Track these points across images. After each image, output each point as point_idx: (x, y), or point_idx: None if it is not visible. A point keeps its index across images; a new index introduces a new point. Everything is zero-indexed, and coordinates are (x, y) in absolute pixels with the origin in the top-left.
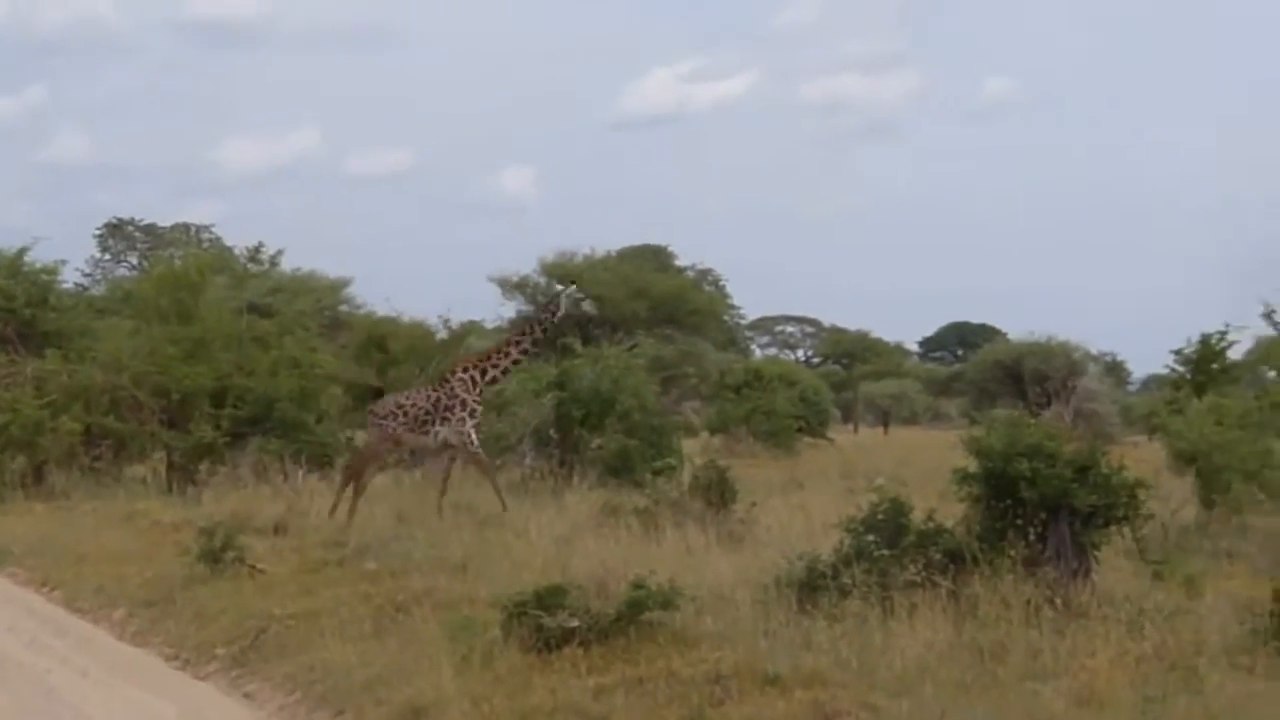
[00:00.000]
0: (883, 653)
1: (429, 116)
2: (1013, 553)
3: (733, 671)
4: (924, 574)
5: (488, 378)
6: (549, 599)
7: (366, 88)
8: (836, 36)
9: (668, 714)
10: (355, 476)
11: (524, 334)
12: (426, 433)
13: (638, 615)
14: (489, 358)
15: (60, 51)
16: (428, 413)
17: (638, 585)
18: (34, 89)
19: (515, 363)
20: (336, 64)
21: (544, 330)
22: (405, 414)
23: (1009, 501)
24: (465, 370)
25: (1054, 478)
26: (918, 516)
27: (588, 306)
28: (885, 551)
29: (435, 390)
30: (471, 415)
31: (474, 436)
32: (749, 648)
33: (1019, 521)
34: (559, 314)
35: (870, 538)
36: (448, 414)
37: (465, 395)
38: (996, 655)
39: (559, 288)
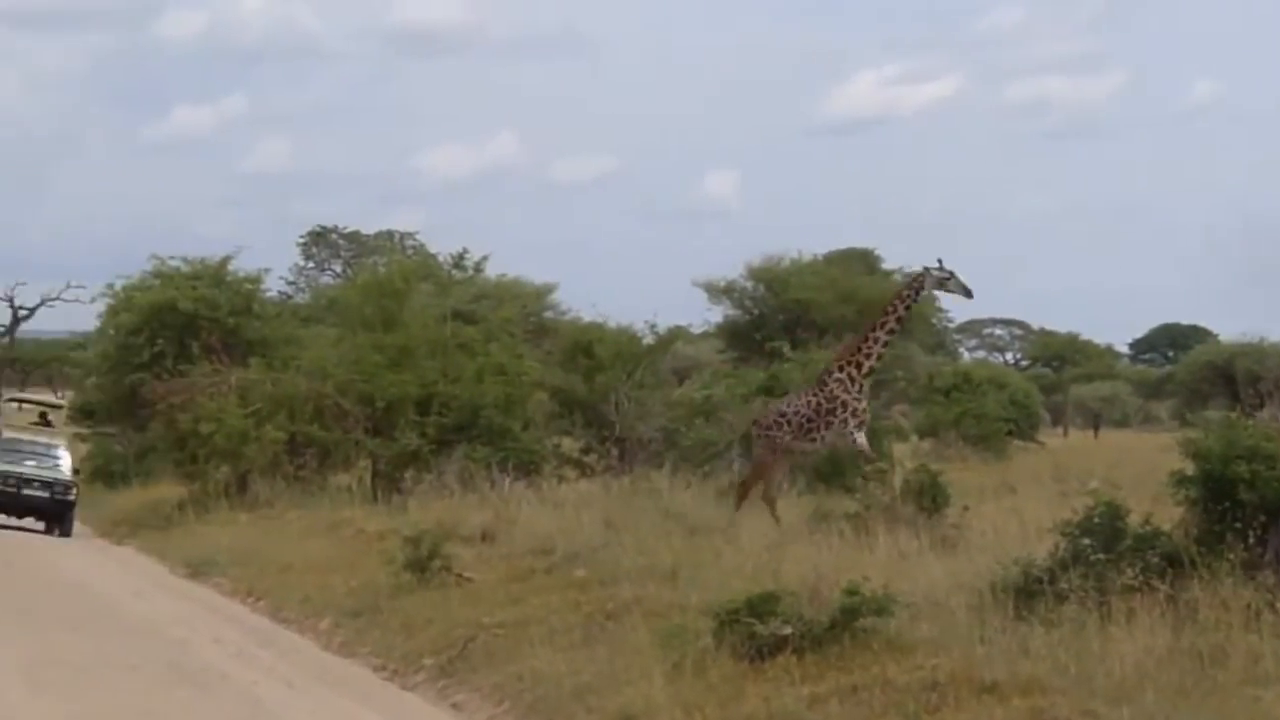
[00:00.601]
0: (1101, 659)
1: (632, 121)
2: (1231, 556)
3: (948, 679)
4: (1141, 578)
5: (863, 370)
6: (761, 606)
7: (569, 93)
8: (1040, 38)
9: None
10: (744, 495)
11: (888, 314)
12: (813, 439)
13: (851, 622)
14: (859, 350)
15: (262, 60)
16: (810, 419)
17: (851, 591)
18: (235, 98)
19: (886, 345)
20: (539, 70)
21: (907, 308)
22: (789, 422)
23: (1227, 504)
24: (840, 369)
25: (1274, 480)
26: (1134, 520)
27: (953, 286)
28: (1101, 556)
29: (814, 394)
30: (855, 415)
31: (861, 439)
32: (965, 654)
33: (1238, 525)
34: (922, 292)
35: (1086, 542)
36: (830, 418)
37: (845, 396)
38: (1217, 660)
39: (922, 267)
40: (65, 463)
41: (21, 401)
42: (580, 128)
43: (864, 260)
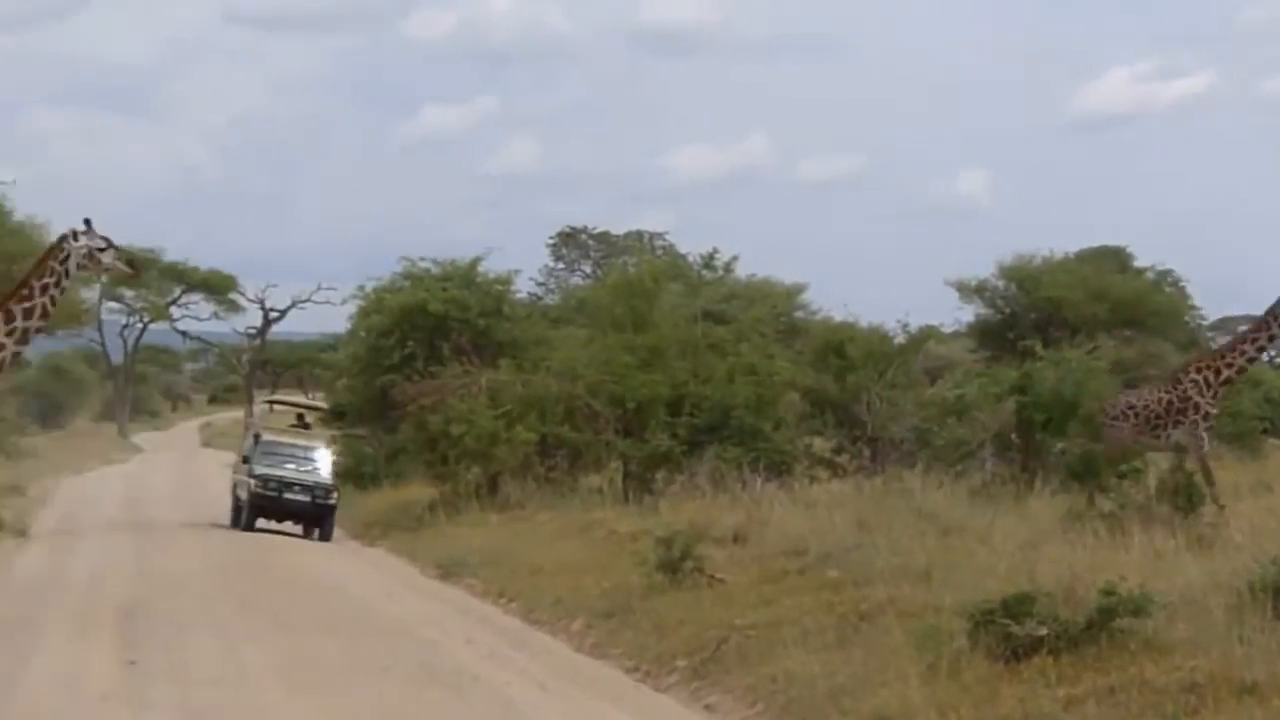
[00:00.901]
0: None
1: (881, 120)
2: None
3: (1207, 680)
4: None
5: (1221, 378)
6: (1016, 607)
7: (816, 93)
8: None
9: None
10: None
11: (1260, 330)
12: (1158, 435)
13: (1108, 623)
14: (1223, 357)
15: (511, 62)
16: (1159, 415)
17: (1107, 592)
18: (485, 99)
19: (1251, 360)
20: (786, 70)
21: (1270, 338)
22: (1137, 415)
23: None
24: (1198, 370)
25: None
26: None
27: None
28: None
29: (1167, 391)
30: (1205, 419)
31: (1206, 440)
32: (1224, 655)
33: None
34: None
35: None
36: (1180, 416)
37: (1198, 398)
38: None
39: None
40: (325, 466)
41: (279, 404)
42: (829, 127)
43: (1115, 258)
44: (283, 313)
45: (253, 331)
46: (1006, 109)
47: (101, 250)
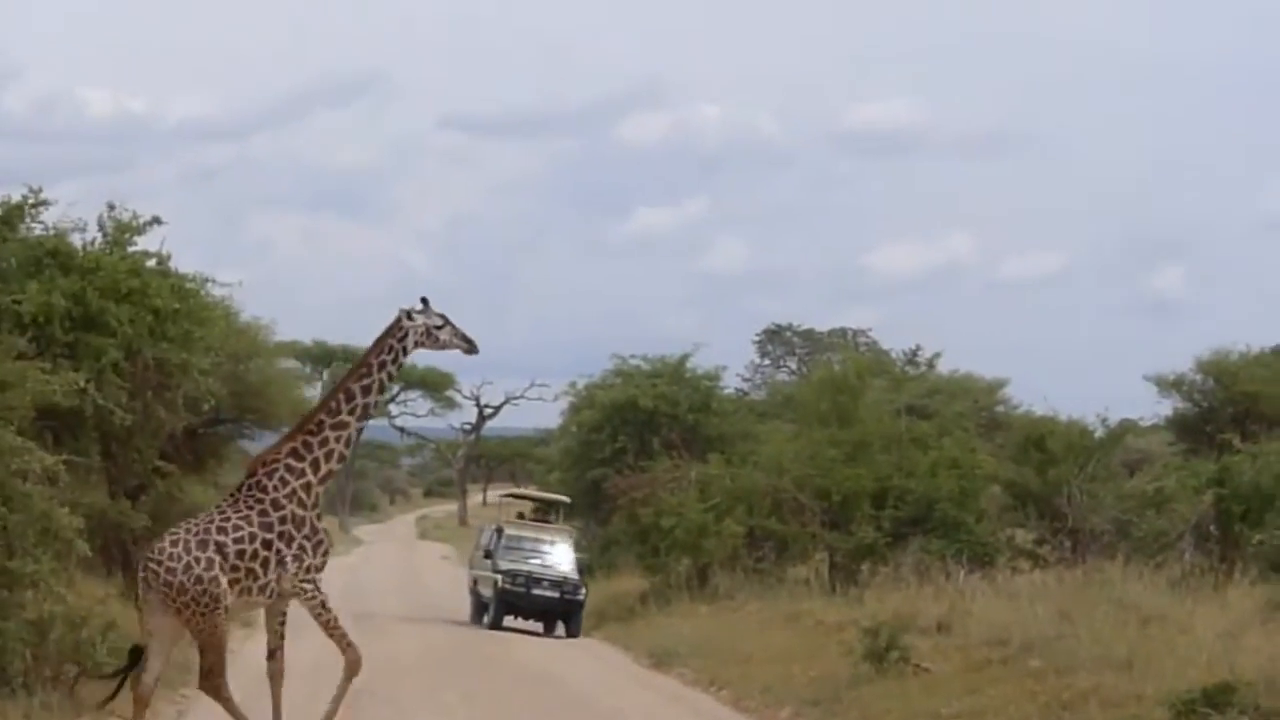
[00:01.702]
0: None
1: (1078, 217)
2: None
3: None
4: None
5: None
6: (1218, 696)
7: (1016, 191)
8: None
9: None
10: None
11: None
12: None
13: None
14: None
15: (721, 166)
16: None
17: None
18: (696, 201)
19: None
20: (989, 169)
21: None
22: None
23: None
24: None
25: None
26: None
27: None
28: None
29: None
30: None
31: None
32: None
33: None
34: None
35: None
36: None
37: None
38: None
39: None
40: (570, 560)
41: (519, 497)
42: (1030, 225)
43: None
44: (497, 409)
45: (468, 427)
46: (1206, 204)
47: (438, 328)
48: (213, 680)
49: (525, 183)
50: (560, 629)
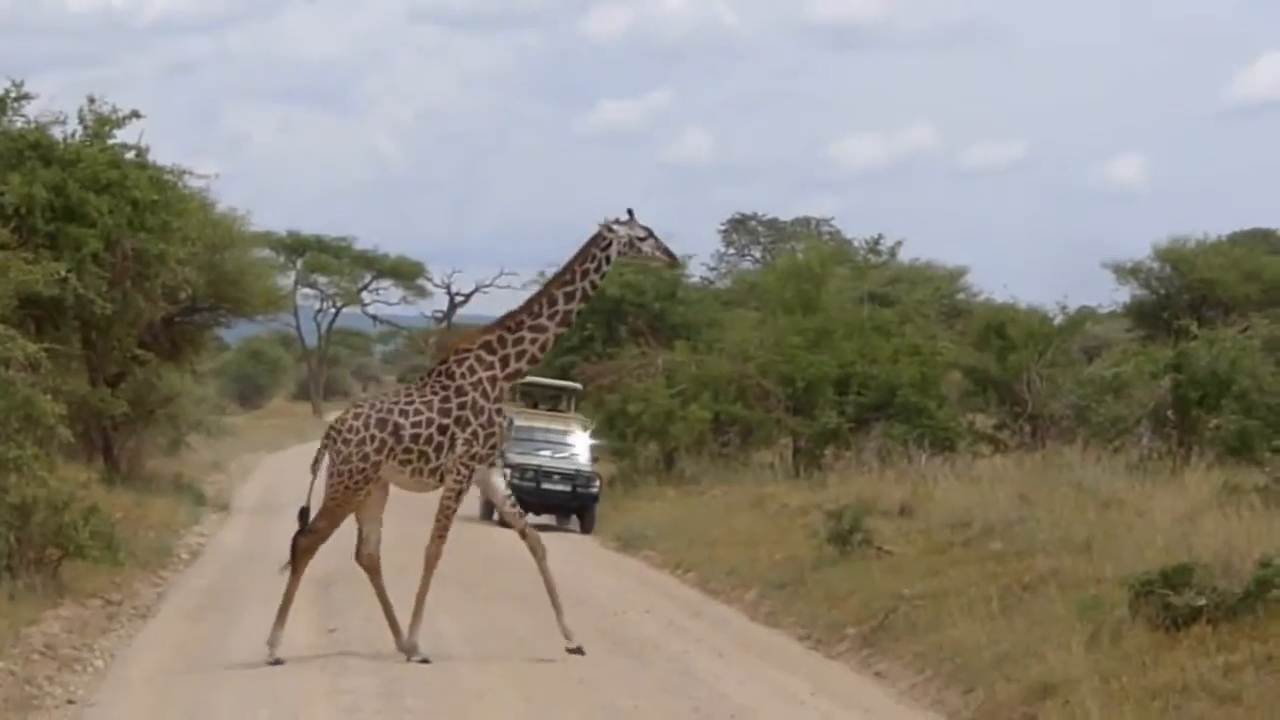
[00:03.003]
0: None
1: (1039, 108)
2: None
3: None
4: None
5: None
6: (1175, 578)
7: (977, 83)
8: None
9: None
10: None
11: None
12: None
13: (1265, 593)
14: None
15: (684, 58)
16: None
17: (1264, 563)
18: (659, 93)
19: None
20: (949, 61)
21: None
22: None
23: None
24: None
25: None
26: None
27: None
28: None
29: None
30: None
31: None
32: None
33: None
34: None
35: None
36: None
37: None
38: None
39: None
40: (584, 451)
41: (532, 385)
42: (990, 116)
43: (1267, 240)
44: (467, 297)
45: (439, 315)
46: (1164, 94)
47: (641, 239)
48: (309, 542)
49: (493, 75)
50: (575, 524)
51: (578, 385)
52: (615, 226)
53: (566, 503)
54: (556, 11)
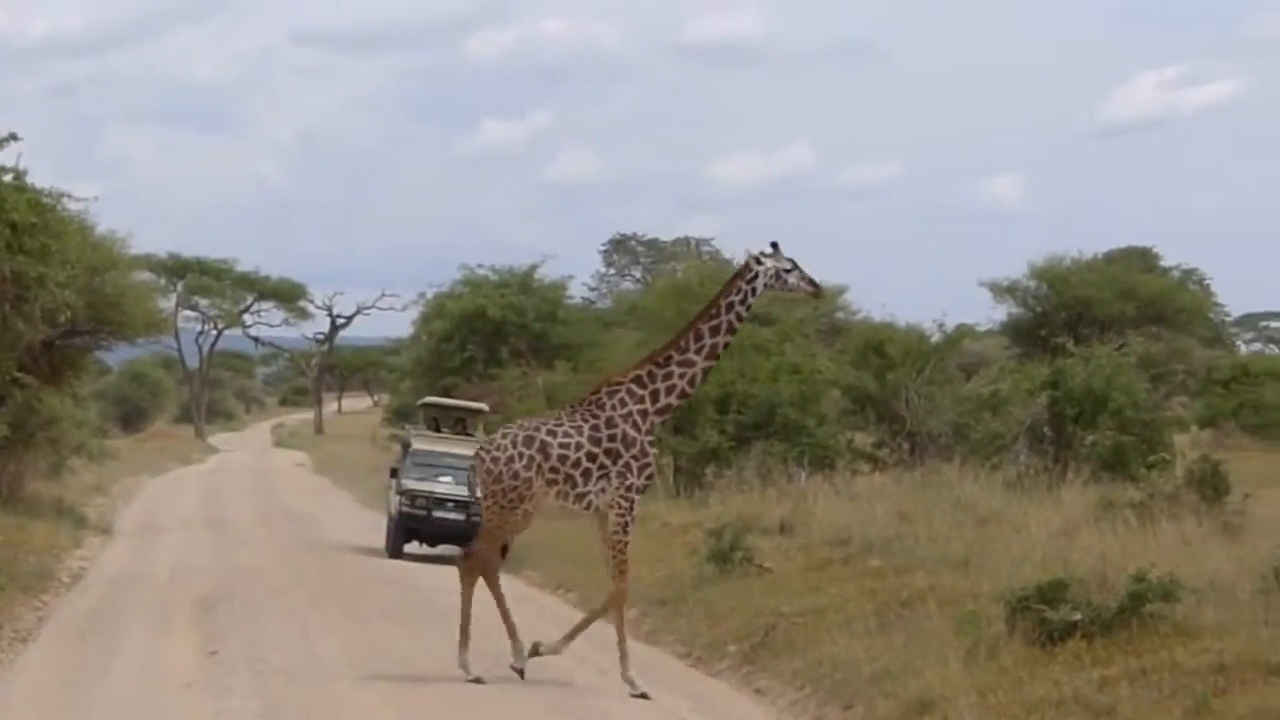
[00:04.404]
0: None
1: (917, 128)
2: None
3: (1235, 661)
4: None
5: None
6: (1051, 593)
7: (856, 103)
8: None
9: (1172, 705)
10: None
11: None
12: None
13: (1139, 607)
14: None
15: (565, 79)
16: None
17: (1138, 578)
18: (541, 114)
19: None
20: (827, 81)
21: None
22: None
23: None
24: None
25: None
26: None
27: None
28: None
29: None
30: None
31: None
32: (1251, 637)
33: None
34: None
35: None
36: None
37: None
38: None
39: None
40: None
41: (437, 406)
42: (869, 135)
43: (1142, 258)
44: (349, 319)
45: (321, 337)
46: (1040, 115)
47: (787, 271)
48: (474, 561)
49: (376, 97)
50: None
51: (484, 406)
52: (762, 259)
53: (462, 532)
54: (438, 33)
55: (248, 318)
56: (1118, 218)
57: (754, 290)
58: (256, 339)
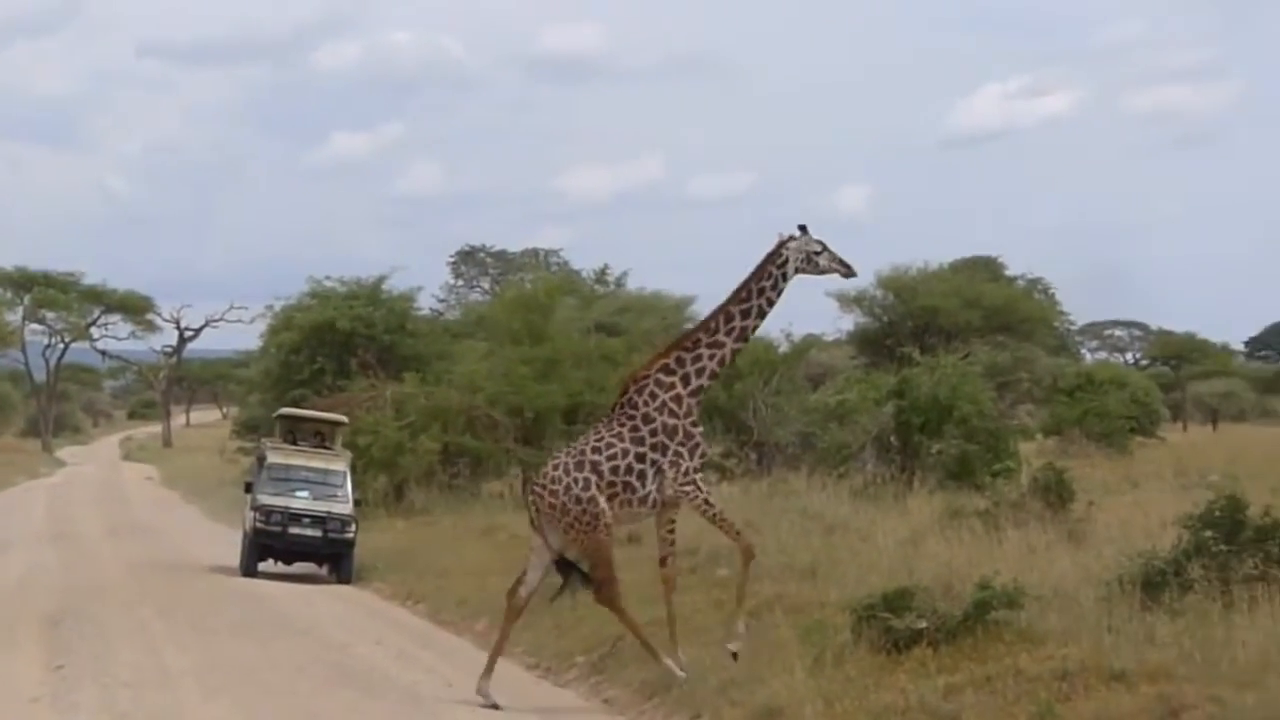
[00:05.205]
0: (1225, 646)
1: (766, 140)
2: None
3: (1079, 668)
4: (1262, 568)
5: None
6: (896, 601)
7: (705, 115)
8: (1157, 50)
9: (1016, 711)
10: None
11: None
12: None
13: (984, 615)
14: None
15: (414, 91)
16: None
17: (983, 586)
18: (391, 126)
19: None
20: (675, 94)
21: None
22: None
23: None
24: None
25: None
26: (1254, 512)
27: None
28: (1224, 547)
29: None
30: None
31: None
32: (1094, 644)
33: None
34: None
35: (1208, 534)
36: None
37: None
38: None
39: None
40: (345, 492)
41: (294, 418)
42: (718, 147)
43: (988, 268)
44: (197, 332)
45: (169, 350)
46: (887, 127)
47: (817, 253)
48: (608, 592)
49: (223, 110)
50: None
51: (343, 418)
52: (791, 242)
53: (317, 549)
54: (286, 46)
55: (95, 331)
56: (963, 228)
57: (784, 275)
58: (104, 352)
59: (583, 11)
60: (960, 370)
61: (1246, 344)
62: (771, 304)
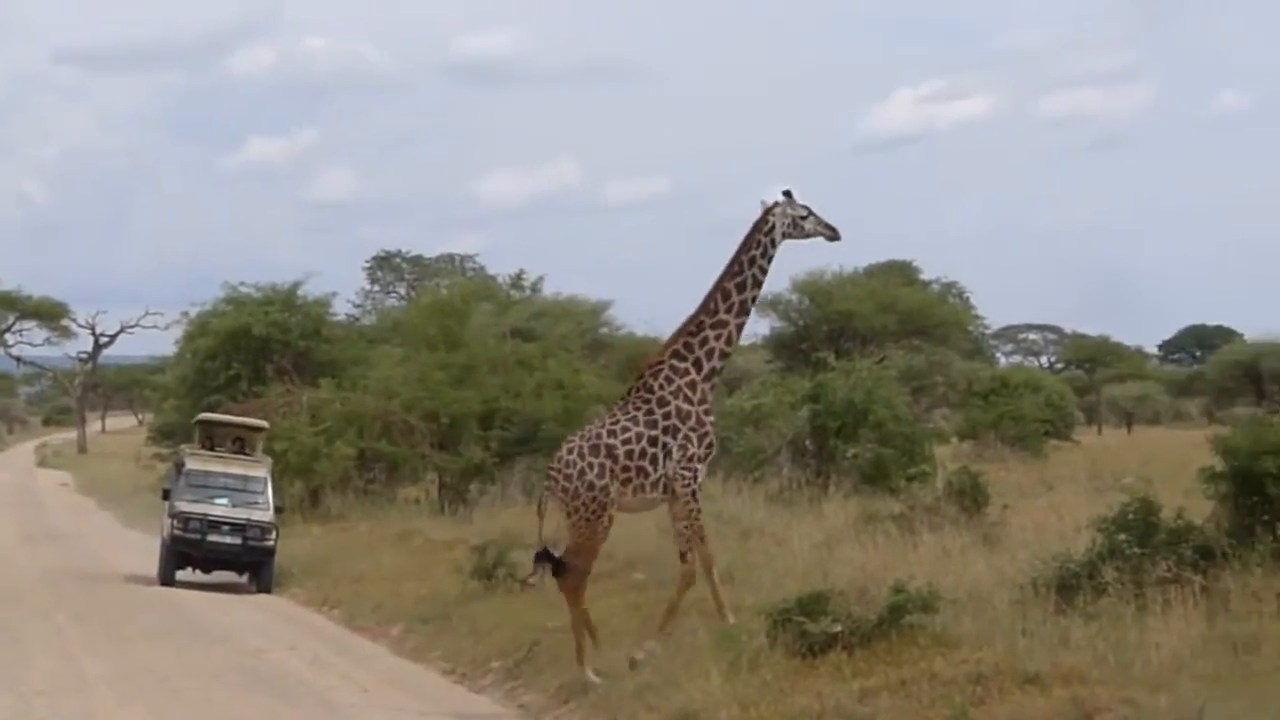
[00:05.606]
0: (1138, 649)
1: (682, 145)
2: (1261, 547)
3: (993, 671)
4: (1175, 570)
5: None
6: (812, 605)
7: (621, 120)
8: (1071, 54)
9: (931, 714)
10: None
11: None
12: None
13: (899, 619)
14: None
15: (330, 97)
16: None
17: (898, 590)
18: (306, 132)
19: None
20: (590, 98)
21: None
22: None
23: (1256, 498)
24: None
25: None
26: (1167, 515)
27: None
28: (1137, 550)
29: None
30: None
31: None
32: (1008, 647)
33: (1266, 517)
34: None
35: (1122, 537)
36: None
37: None
38: (1250, 648)
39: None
40: (266, 499)
41: (214, 423)
42: (634, 152)
43: (903, 272)
44: (112, 338)
45: (84, 356)
46: (801, 131)
47: (803, 218)
48: (575, 580)
49: (138, 115)
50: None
51: (264, 423)
52: (776, 209)
53: (237, 557)
54: (200, 51)
55: (9, 337)
56: (878, 232)
57: (773, 241)
58: (18, 359)
59: (500, 17)
60: (875, 374)
61: (1160, 347)
62: (764, 272)
